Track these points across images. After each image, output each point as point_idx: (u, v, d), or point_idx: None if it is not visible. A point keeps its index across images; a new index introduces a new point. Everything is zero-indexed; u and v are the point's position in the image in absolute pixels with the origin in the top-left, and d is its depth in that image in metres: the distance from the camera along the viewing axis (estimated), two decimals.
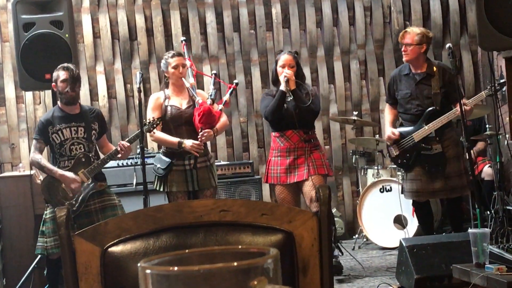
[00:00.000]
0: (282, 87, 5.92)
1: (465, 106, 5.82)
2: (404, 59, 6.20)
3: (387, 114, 6.48)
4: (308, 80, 8.01)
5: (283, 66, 6.00)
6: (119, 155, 5.75)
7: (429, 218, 6.47)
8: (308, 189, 5.87)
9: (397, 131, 6.22)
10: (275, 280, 0.82)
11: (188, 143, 5.70)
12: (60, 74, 5.67)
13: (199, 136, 5.71)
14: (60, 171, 5.64)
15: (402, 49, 6.17)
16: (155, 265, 0.86)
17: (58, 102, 5.80)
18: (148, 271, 0.83)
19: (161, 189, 5.85)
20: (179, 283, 0.82)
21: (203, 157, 5.83)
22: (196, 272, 0.82)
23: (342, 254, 6.54)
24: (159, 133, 5.82)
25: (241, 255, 0.87)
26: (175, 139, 5.76)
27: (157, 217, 1.86)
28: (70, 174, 5.63)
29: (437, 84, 6.08)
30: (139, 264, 0.83)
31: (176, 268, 0.82)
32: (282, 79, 5.93)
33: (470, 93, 8.40)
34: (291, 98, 5.95)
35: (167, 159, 5.81)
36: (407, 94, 6.17)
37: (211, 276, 0.82)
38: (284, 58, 6.06)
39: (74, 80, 5.67)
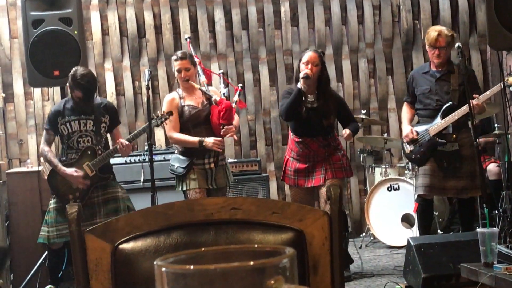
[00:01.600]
0: (299, 85, 5.77)
1: (474, 101, 5.77)
2: (436, 61, 6.10)
3: (404, 112, 6.44)
4: None
5: (306, 63, 5.82)
6: (119, 153, 5.79)
7: (430, 219, 6.41)
8: (324, 190, 5.78)
9: (415, 130, 6.18)
10: (292, 280, 0.82)
11: (209, 140, 5.64)
12: (76, 91, 5.66)
13: (221, 133, 5.68)
14: (63, 169, 5.67)
15: (435, 53, 6.07)
16: (171, 263, 0.86)
17: (70, 94, 5.83)
18: (164, 269, 0.83)
19: (180, 189, 5.79)
20: (195, 281, 0.82)
21: (221, 155, 5.81)
22: (212, 271, 0.81)
23: (353, 261, 6.47)
24: (178, 134, 5.75)
25: (257, 254, 0.87)
26: (195, 139, 5.68)
27: (168, 214, 1.86)
28: (70, 172, 5.66)
29: (456, 81, 6.06)
30: (155, 262, 0.83)
31: (192, 267, 0.82)
32: (301, 75, 5.75)
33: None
34: (312, 105, 5.89)
35: (187, 158, 5.79)
36: (427, 89, 6.15)
37: (228, 275, 0.81)
38: (308, 55, 5.86)
39: (88, 95, 5.69)
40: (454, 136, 6.04)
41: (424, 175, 6.10)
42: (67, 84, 5.73)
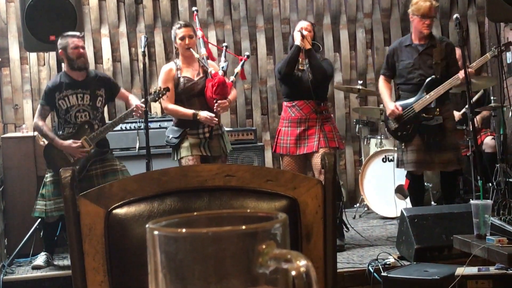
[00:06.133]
0: (297, 42, 5.92)
1: (468, 69, 5.83)
2: (425, 32, 6.08)
3: (383, 88, 6.39)
4: None
5: (300, 29, 6.02)
6: (135, 114, 5.82)
7: (422, 193, 6.45)
8: (317, 160, 5.83)
9: (399, 106, 6.18)
10: (284, 245, 0.82)
11: (203, 114, 5.68)
12: (69, 41, 5.68)
13: (215, 107, 5.70)
14: (60, 142, 5.68)
15: (425, 22, 6.06)
16: (163, 226, 0.86)
17: (64, 68, 5.82)
18: (156, 232, 0.83)
19: (175, 158, 5.81)
20: (187, 245, 0.81)
21: (216, 125, 5.81)
22: (204, 235, 0.81)
23: (348, 230, 6.52)
24: (172, 106, 5.79)
25: (250, 219, 0.87)
26: (189, 111, 5.73)
27: (162, 180, 1.86)
28: (68, 143, 5.67)
29: (438, 55, 6.06)
30: (147, 226, 0.83)
31: (184, 230, 0.81)
32: (296, 34, 5.96)
33: None
34: (306, 67, 5.93)
35: (180, 128, 5.80)
36: (410, 63, 6.14)
37: (219, 238, 0.81)
38: (301, 23, 6.13)
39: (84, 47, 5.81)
40: (437, 109, 6.06)
41: (412, 151, 6.12)
42: (60, 50, 5.71)
